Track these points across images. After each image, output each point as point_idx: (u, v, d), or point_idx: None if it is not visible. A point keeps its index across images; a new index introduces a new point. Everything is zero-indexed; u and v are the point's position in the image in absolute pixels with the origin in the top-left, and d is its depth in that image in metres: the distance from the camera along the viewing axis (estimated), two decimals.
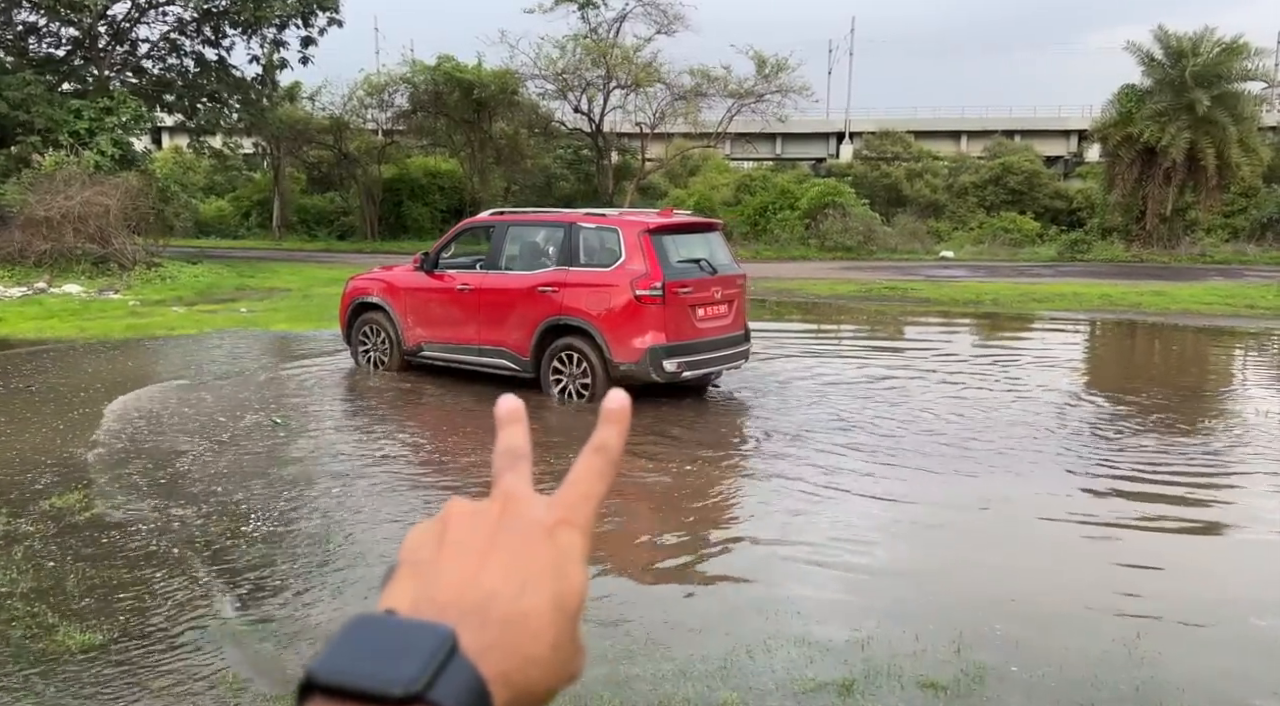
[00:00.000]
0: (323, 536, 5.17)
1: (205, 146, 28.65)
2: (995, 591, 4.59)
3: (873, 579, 4.75)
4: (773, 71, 29.00)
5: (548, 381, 8.49)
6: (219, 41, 24.37)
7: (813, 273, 23.41)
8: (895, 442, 7.31)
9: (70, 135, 19.53)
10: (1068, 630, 4.23)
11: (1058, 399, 9.10)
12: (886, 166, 36.73)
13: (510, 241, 8.94)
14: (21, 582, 4.38)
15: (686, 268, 8.32)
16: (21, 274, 17.50)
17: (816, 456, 6.88)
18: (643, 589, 4.56)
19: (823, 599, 4.49)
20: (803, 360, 10.97)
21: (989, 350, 12.19)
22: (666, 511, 5.72)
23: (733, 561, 4.91)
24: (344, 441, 7.20)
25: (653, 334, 7.96)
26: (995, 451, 7.11)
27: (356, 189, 32.95)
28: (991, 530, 5.58)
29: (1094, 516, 5.77)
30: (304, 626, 4.08)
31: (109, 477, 6.04)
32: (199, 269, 20.43)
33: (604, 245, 8.28)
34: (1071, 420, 8.32)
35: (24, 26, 22.94)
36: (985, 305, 17.05)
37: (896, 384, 9.60)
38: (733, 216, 33.14)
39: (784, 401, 8.71)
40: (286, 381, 9.57)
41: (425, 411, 8.35)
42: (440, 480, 6.22)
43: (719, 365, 8.73)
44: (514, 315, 8.58)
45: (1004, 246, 30.69)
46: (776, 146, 47.97)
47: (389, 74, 30.89)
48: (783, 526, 5.45)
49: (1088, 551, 5.24)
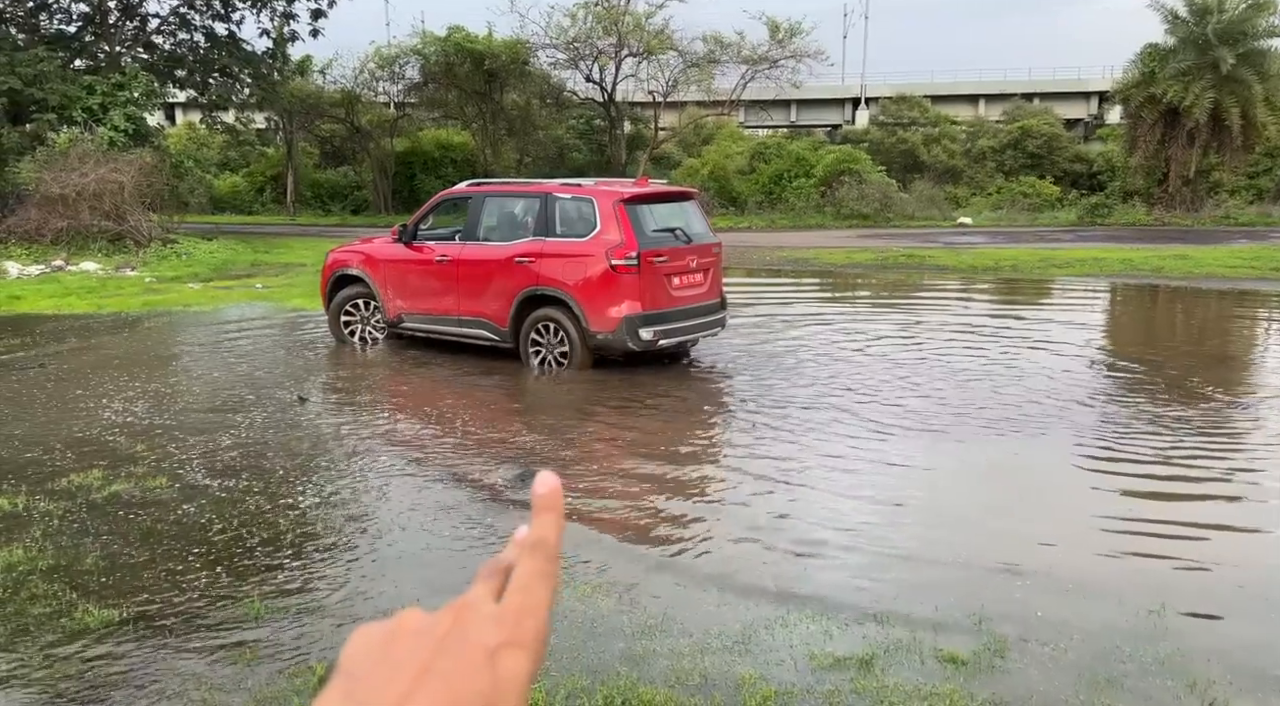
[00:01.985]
0: (354, 514, 5.17)
1: (218, 122, 28.59)
2: (1015, 562, 4.53)
3: (890, 551, 4.70)
4: (786, 36, 28.56)
5: (526, 351, 8.60)
6: (229, 16, 24.26)
7: (829, 241, 23.19)
8: (910, 411, 7.24)
9: (84, 111, 19.52)
10: (1090, 601, 4.17)
11: (1080, 365, 8.98)
12: (903, 132, 36.22)
13: (488, 213, 8.94)
14: (40, 560, 4.40)
15: (662, 237, 8.33)
16: (39, 252, 17.59)
17: (829, 426, 6.81)
18: (656, 564, 4.53)
19: (839, 572, 4.45)
20: (817, 329, 10.87)
21: (1008, 317, 12.03)
22: (674, 485, 5.68)
23: (745, 534, 4.87)
24: (366, 415, 7.19)
25: (628, 303, 8.03)
26: (1015, 419, 7.03)
27: (369, 163, 32.84)
28: (1011, 500, 5.51)
29: (1118, 486, 5.69)
30: (324, 604, 4.08)
31: (127, 456, 6.05)
32: (214, 245, 20.47)
33: (580, 215, 8.29)
34: (1094, 387, 8.21)
35: (35, 3, 22.87)
36: (1004, 271, 16.83)
37: (914, 352, 9.49)
38: (747, 184, 32.89)
39: (798, 371, 8.63)
40: (306, 356, 9.57)
41: (444, 386, 8.33)
42: (452, 458, 6.20)
43: (695, 333, 8.80)
44: (492, 286, 8.63)
45: (1023, 211, 30.28)
46: (791, 113, 47.41)
47: (400, 46, 30.63)
48: (795, 499, 5.41)
49: (1111, 522, 5.16)
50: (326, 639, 3.75)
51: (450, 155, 33.36)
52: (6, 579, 4.20)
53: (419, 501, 5.29)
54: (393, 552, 4.62)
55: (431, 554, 4.61)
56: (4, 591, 4.09)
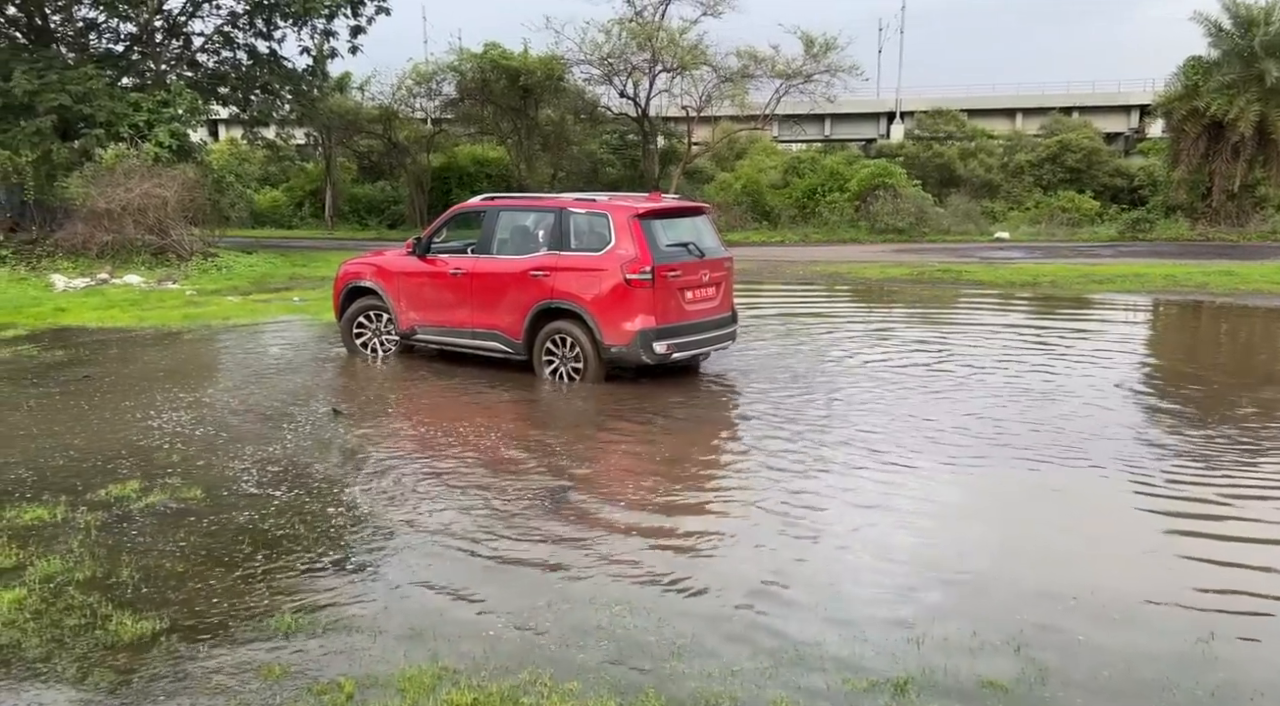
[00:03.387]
0: (385, 529, 5.18)
1: (259, 138, 29.08)
2: (1057, 586, 4.41)
3: (927, 572, 4.60)
4: (821, 51, 28.47)
5: (540, 364, 8.67)
6: (270, 34, 24.69)
7: (863, 255, 23.02)
8: (944, 431, 7.11)
9: (130, 128, 19.96)
10: (1136, 628, 4.05)
11: (1123, 384, 8.79)
12: (939, 146, 35.92)
13: (501, 226, 9.01)
14: (78, 572, 4.45)
15: (675, 251, 8.41)
16: (85, 265, 17.99)
17: (862, 443, 6.71)
18: (685, 584, 4.47)
19: (874, 594, 4.36)
20: (851, 344, 10.75)
21: (1047, 334, 11.83)
22: (698, 503, 5.62)
23: (776, 556, 4.79)
24: (403, 429, 7.22)
25: (642, 317, 8.11)
26: (1055, 439, 6.88)
27: (406, 177, 33.22)
28: (1052, 521, 5.38)
29: (1161, 508, 5.53)
30: (353, 619, 4.07)
31: (163, 467, 6.12)
32: (253, 258, 20.80)
33: (594, 230, 8.38)
34: (1138, 409, 8.03)
35: (84, 23, 23.47)
36: (1043, 287, 16.58)
37: (950, 369, 9.36)
38: (780, 199, 32.78)
39: (832, 387, 8.54)
40: (339, 369, 9.65)
41: (468, 400, 8.35)
42: (482, 475, 6.19)
43: (707, 346, 8.88)
44: (506, 299, 8.72)
45: (1062, 226, 29.85)
46: (825, 127, 47.29)
47: (436, 63, 31.02)
48: (831, 517, 5.32)
49: (1155, 544, 5.02)
50: (355, 654, 3.74)
51: (485, 170, 33.64)
52: (44, 590, 4.25)
53: (450, 518, 5.28)
54: (422, 568, 4.60)
55: (461, 572, 4.59)
56: (42, 602, 4.13)
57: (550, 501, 5.51)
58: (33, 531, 4.97)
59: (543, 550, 4.81)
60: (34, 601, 4.13)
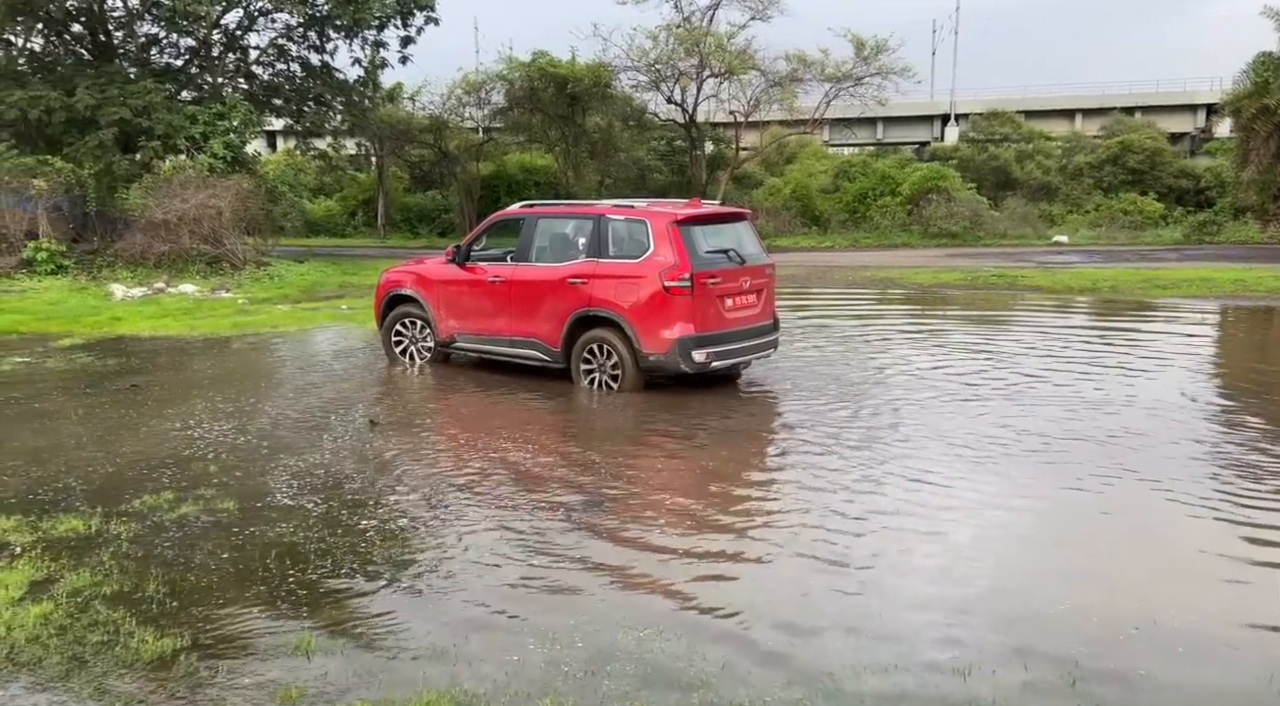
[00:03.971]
0: (414, 544, 5.09)
1: (312, 148, 29.60)
2: (1115, 613, 4.14)
3: (974, 597, 4.35)
4: (872, 53, 28.06)
5: (578, 372, 8.59)
6: (323, 46, 25.09)
7: (915, 260, 22.56)
8: (996, 445, 6.81)
9: (187, 140, 20.42)
10: (1200, 661, 3.78)
11: (1189, 397, 8.37)
12: (995, 148, 35.14)
13: (540, 234, 8.95)
14: (106, 585, 4.42)
15: (715, 258, 8.27)
16: (143, 274, 18.40)
17: (909, 460, 6.46)
18: (717, 609, 4.29)
19: (918, 623, 4.13)
20: (900, 352, 10.45)
21: (1108, 341, 11.37)
22: (737, 523, 5.42)
23: (815, 581, 4.58)
24: (438, 442, 7.15)
25: (681, 325, 7.98)
26: (1117, 454, 6.54)
27: (456, 186, 33.53)
28: (1110, 543, 5.07)
29: (1232, 532, 5.19)
30: (376, 639, 3.97)
31: (199, 478, 6.12)
32: (305, 267, 21.10)
33: (632, 237, 8.26)
34: (1205, 422, 7.62)
35: (146, 38, 24.10)
36: (1103, 292, 16.03)
37: (1005, 378, 9.01)
38: (830, 203, 32.35)
39: (881, 398, 8.28)
40: (379, 378, 9.65)
41: (504, 410, 8.26)
42: (515, 486, 6.08)
43: (748, 355, 8.71)
44: (544, 307, 8.65)
45: (1123, 230, 28.98)
46: (877, 131, 46.64)
47: (486, 72, 31.28)
48: (873, 539, 5.09)
49: (1223, 571, 4.70)
50: (374, 676, 3.64)
51: (534, 178, 33.81)
52: (71, 604, 4.22)
53: (479, 536, 5.17)
54: (448, 586, 4.49)
55: (488, 591, 4.46)
56: (67, 617, 4.10)
57: (582, 519, 5.37)
58: (66, 543, 4.97)
59: (573, 569, 4.66)
60: (60, 616, 4.10)
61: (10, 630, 3.98)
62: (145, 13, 23.35)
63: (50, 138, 20.95)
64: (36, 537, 5.04)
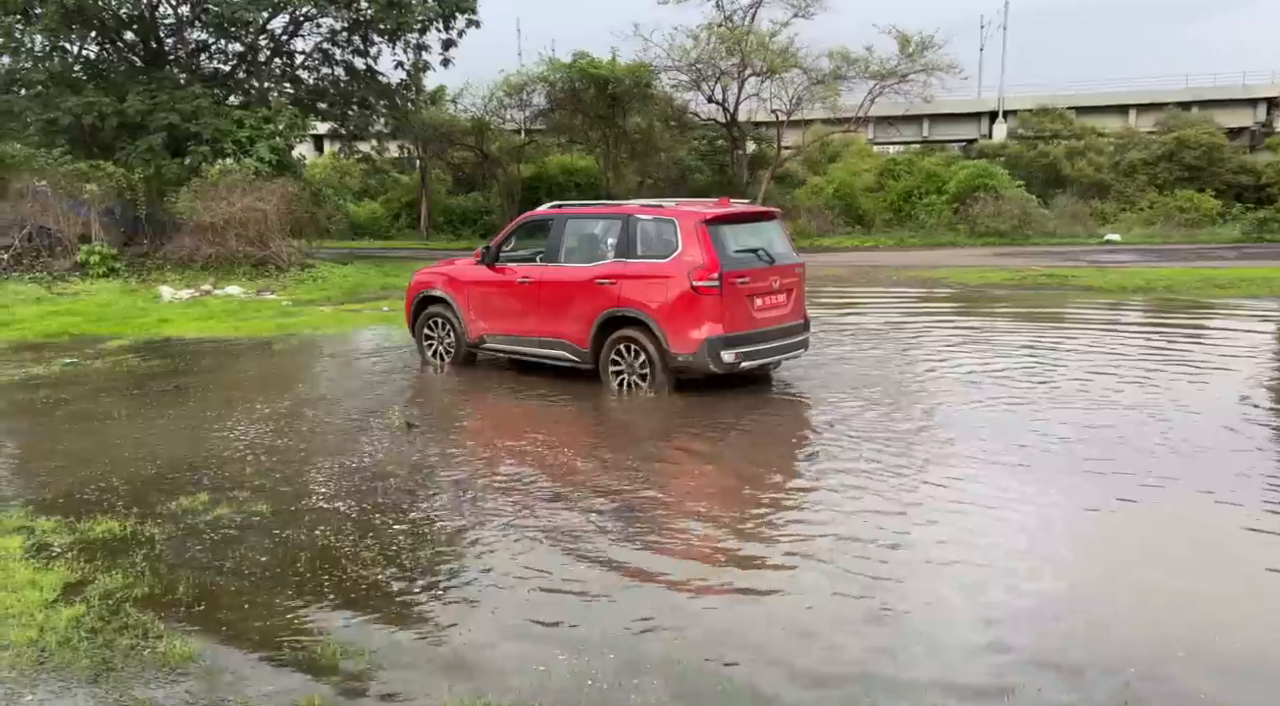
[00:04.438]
0: (445, 550, 5.04)
1: (356, 151, 29.92)
2: (1171, 630, 3.93)
3: (1019, 611, 4.17)
4: (917, 50, 27.63)
5: (606, 372, 8.54)
6: (367, 50, 25.39)
7: (962, 259, 22.13)
8: (1045, 453, 6.57)
9: (233, 143, 20.75)
10: (1263, 684, 3.56)
11: (1252, 403, 8.03)
12: (1044, 145, 34.40)
13: (569, 234, 8.93)
14: (137, 587, 4.43)
15: (744, 257, 8.21)
16: (190, 277, 18.72)
17: (960, 462, 6.26)
18: (751, 618, 4.16)
19: (960, 636, 3.96)
20: (946, 353, 10.20)
21: (1163, 343, 10.99)
22: (768, 533, 5.28)
23: (852, 593, 4.42)
24: (472, 445, 7.11)
25: (710, 325, 7.91)
26: (1171, 462, 6.26)
27: (497, 188, 33.71)
28: (1167, 556, 4.85)
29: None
30: (402, 650, 3.92)
31: (235, 480, 6.14)
32: (348, 269, 21.31)
33: (661, 236, 8.21)
34: (1266, 426, 7.29)
35: (195, 45, 24.58)
36: (1158, 292, 15.54)
37: (1056, 382, 8.74)
38: (875, 202, 31.92)
39: (930, 400, 8.06)
40: (415, 379, 9.67)
41: (537, 412, 8.21)
42: (546, 492, 6.00)
43: (778, 355, 8.65)
44: (573, 307, 8.63)
45: (1179, 228, 28.18)
46: (923, 128, 45.91)
47: (527, 73, 31.39)
48: (913, 551, 4.92)
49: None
50: (397, 685, 3.57)
51: (574, 179, 33.87)
52: (103, 607, 4.23)
53: (509, 541, 5.10)
54: (476, 594, 4.42)
55: (517, 599, 4.38)
56: (99, 620, 4.11)
57: (614, 527, 5.28)
58: (102, 544, 5.00)
59: (604, 576, 4.56)
60: (91, 619, 4.11)
61: (42, 632, 4.00)
62: (195, 20, 23.82)
63: (103, 143, 21.45)
64: (74, 538, 5.08)
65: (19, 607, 4.21)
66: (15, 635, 3.96)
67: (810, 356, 9.39)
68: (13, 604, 4.24)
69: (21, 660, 3.78)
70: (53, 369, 10.30)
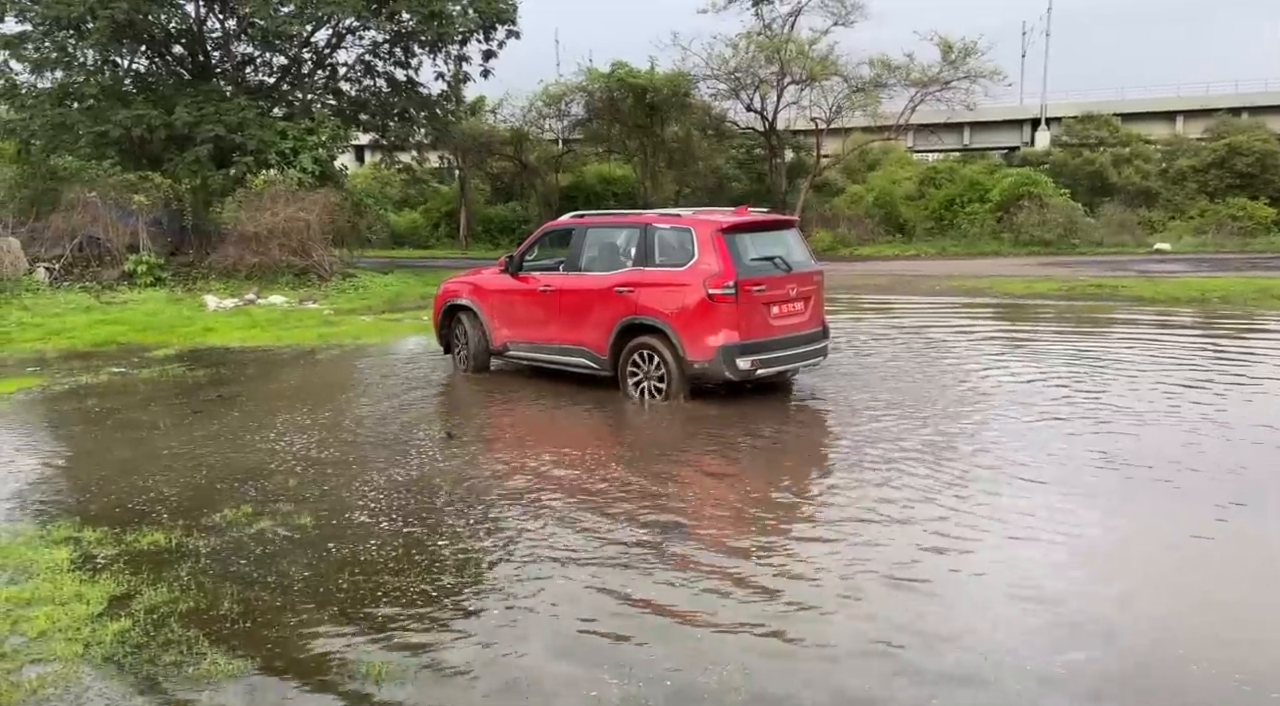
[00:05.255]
0: (492, 569, 4.96)
1: (397, 162, 30.17)
2: (1231, 669, 3.72)
3: (1072, 650, 3.98)
4: (960, 57, 27.24)
5: (625, 380, 8.63)
6: (408, 62, 25.62)
7: (1006, 269, 21.73)
8: (1099, 469, 6.34)
9: (277, 154, 21.03)
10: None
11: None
12: (1089, 152, 33.74)
13: (589, 243, 9.09)
14: (182, 602, 4.40)
15: (760, 265, 8.26)
16: (235, 286, 18.96)
17: (1010, 483, 6.05)
18: (803, 643, 4.02)
19: (1008, 680, 3.79)
20: (1002, 368, 9.95)
21: (1219, 357, 10.63)
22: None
23: (900, 618, 4.27)
24: (514, 458, 7.04)
25: (726, 332, 7.97)
26: (1229, 486, 6.00)
27: (535, 198, 33.83)
28: (1226, 588, 4.61)
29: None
30: (446, 668, 3.83)
31: (277, 492, 6.12)
32: (389, 278, 21.48)
33: (678, 245, 8.32)
34: None
35: (241, 58, 24.99)
36: (1212, 304, 15.09)
37: (1106, 397, 8.47)
38: (915, 210, 31.52)
39: (980, 416, 7.85)
40: (454, 389, 9.64)
41: (584, 425, 8.12)
42: (591, 509, 5.90)
43: (795, 362, 8.64)
44: (592, 315, 8.75)
45: (1231, 236, 27.46)
46: (964, 136, 45.37)
47: (565, 83, 31.49)
48: (952, 577, 4.74)
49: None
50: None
51: (612, 188, 33.88)
52: (148, 621, 4.20)
53: (557, 565, 5.00)
54: (524, 615, 4.33)
55: (566, 621, 4.28)
56: (144, 635, 4.08)
57: (664, 549, 5.16)
58: (147, 556, 4.99)
59: (655, 602, 4.44)
60: (137, 634, 4.08)
61: (88, 647, 3.98)
62: (241, 33, 24.21)
63: (151, 154, 21.83)
64: (120, 550, 5.08)
65: (66, 621, 4.19)
66: (62, 649, 3.95)
67: (857, 367, 9.21)
68: (60, 617, 4.23)
69: (68, 675, 3.75)
70: (101, 378, 10.44)
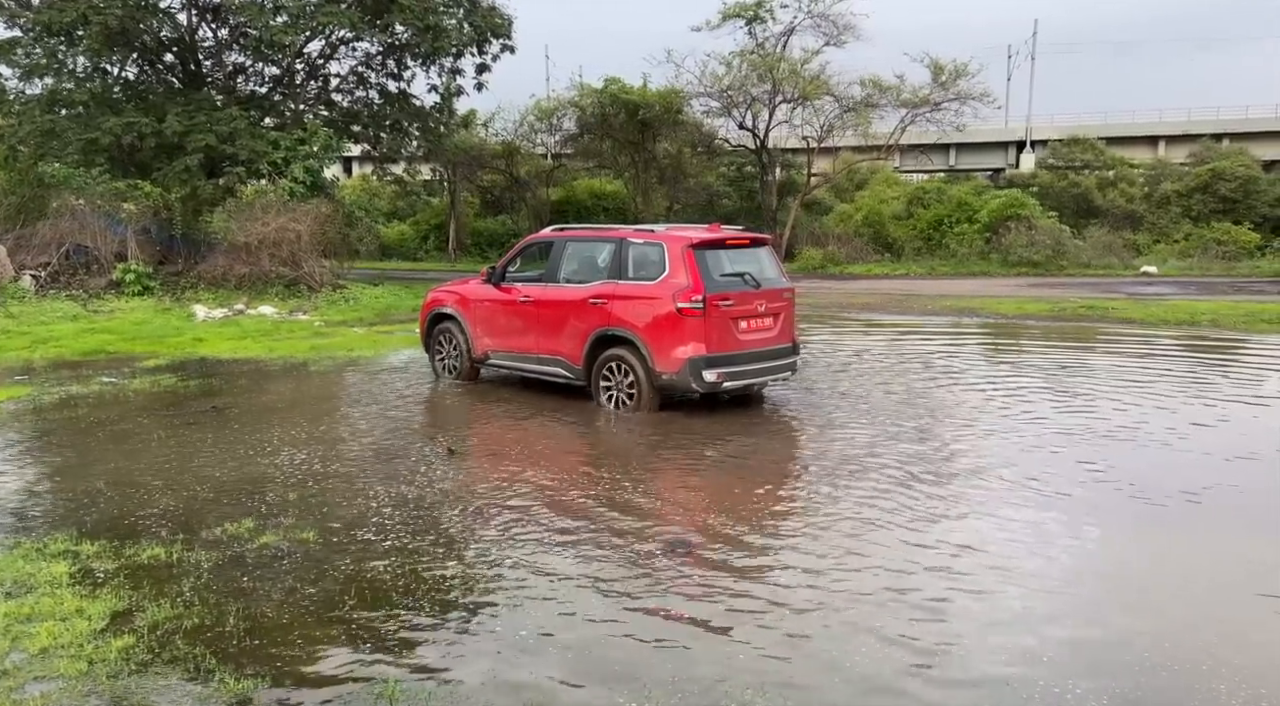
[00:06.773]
0: (502, 586, 4.89)
1: (388, 174, 30.10)
2: (1247, 700, 3.71)
3: (1082, 679, 3.96)
4: (950, 78, 27.54)
5: (597, 389, 8.95)
6: (401, 74, 25.61)
7: (996, 289, 21.88)
8: (1091, 493, 6.35)
9: (269, 164, 20.92)
10: None
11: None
12: (1075, 175, 34.13)
13: (568, 256, 9.37)
14: (186, 619, 4.31)
15: (730, 281, 8.50)
16: (224, 296, 18.82)
17: (1007, 505, 6.04)
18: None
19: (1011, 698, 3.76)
20: (993, 392, 9.98)
21: (1214, 381, 10.71)
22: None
23: (896, 630, 4.23)
24: (517, 472, 6.97)
25: (693, 345, 8.23)
26: (1224, 512, 6.03)
27: (526, 211, 33.84)
28: (1233, 617, 4.61)
29: None
30: (459, 686, 3.76)
31: (278, 506, 6.03)
32: (379, 290, 21.35)
33: (650, 259, 8.58)
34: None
35: (233, 67, 24.90)
36: (1202, 326, 15.23)
37: (1100, 417, 8.50)
38: (904, 230, 31.72)
39: (975, 436, 7.85)
40: (453, 403, 9.56)
41: (599, 441, 8.07)
42: (599, 525, 5.84)
43: (762, 376, 8.87)
44: (568, 326, 9.07)
45: (1217, 260, 27.80)
46: (950, 157, 45.82)
47: (558, 98, 31.59)
48: (965, 593, 4.72)
49: None
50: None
51: (602, 203, 33.93)
52: (152, 638, 4.11)
53: (567, 584, 4.94)
54: (534, 635, 4.26)
55: (578, 639, 4.22)
56: (149, 652, 3.99)
57: (670, 564, 5.11)
58: (149, 571, 4.89)
59: (664, 620, 4.39)
60: (141, 651, 3.99)
61: (92, 664, 3.88)
62: (234, 43, 24.14)
63: (141, 163, 21.69)
64: (119, 564, 4.98)
65: (68, 637, 4.10)
66: (66, 667, 3.85)
67: (858, 389, 9.20)
68: (62, 633, 4.13)
69: (73, 693, 3.66)
70: (91, 388, 10.29)
